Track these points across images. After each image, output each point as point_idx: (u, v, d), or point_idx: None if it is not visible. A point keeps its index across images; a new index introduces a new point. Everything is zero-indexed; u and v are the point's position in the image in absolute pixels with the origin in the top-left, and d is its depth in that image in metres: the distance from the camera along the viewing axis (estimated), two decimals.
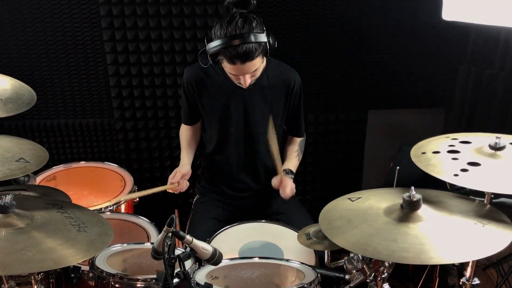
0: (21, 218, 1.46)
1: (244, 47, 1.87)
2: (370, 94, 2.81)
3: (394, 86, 2.80)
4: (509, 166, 1.47)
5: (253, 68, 1.96)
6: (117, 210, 2.34)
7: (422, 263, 1.16)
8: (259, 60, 1.96)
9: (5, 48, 2.57)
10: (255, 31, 1.89)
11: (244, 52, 1.87)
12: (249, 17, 1.93)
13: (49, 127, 2.74)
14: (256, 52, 1.90)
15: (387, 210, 1.41)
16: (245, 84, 2.01)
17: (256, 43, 1.88)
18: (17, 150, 1.76)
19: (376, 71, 2.75)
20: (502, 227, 1.32)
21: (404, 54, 2.72)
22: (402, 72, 2.77)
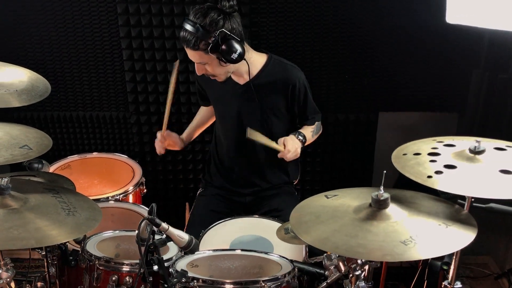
0: (16, 200, 1.57)
1: (186, 33, 1.98)
2: (381, 96, 2.81)
3: (405, 89, 2.79)
4: (485, 170, 1.47)
5: (197, 58, 2.04)
6: (125, 200, 2.44)
7: (374, 260, 1.19)
8: (204, 56, 2.01)
9: (29, 43, 2.73)
10: (204, 26, 1.95)
11: (184, 37, 1.99)
12: (215, 13, 1.97)
13: (68, 118, 2.89)
14: (195, 44, 1.97)
15: (357, 208, 1.44)
16: (197, 71, 2.11)
17: (195, 36, 1.95)
18: (23, 137, 1.88)
19: (387, 73, 2.75)
20: (465, 229, 1.33)
21: (417, 57, 2.70)
22: (414, 74, 2.76)
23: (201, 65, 2.08)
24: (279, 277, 1.57)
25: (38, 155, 1.82)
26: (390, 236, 1.29)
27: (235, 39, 2.00)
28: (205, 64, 2.07)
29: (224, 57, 2.00)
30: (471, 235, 1.30)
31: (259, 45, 2.65)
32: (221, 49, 1.97)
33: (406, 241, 1.26)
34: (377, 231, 1.31)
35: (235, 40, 2.00)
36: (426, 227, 1.34)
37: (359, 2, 2.59)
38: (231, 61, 2.02)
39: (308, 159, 2.92)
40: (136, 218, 2.26)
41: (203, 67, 2.08)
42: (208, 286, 1.51)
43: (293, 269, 1.63)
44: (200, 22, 1.95)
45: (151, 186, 2.98)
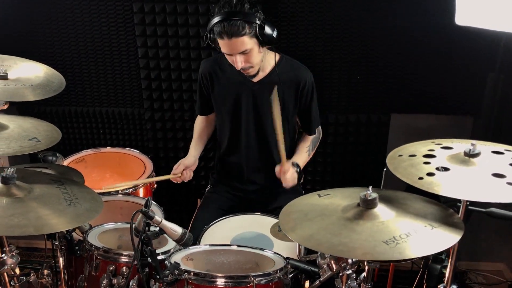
0: (20, 189, 1.64)
1: (231, 22, 2.00)
2: (393, 97, 2.79)
3: (418, 91, 2.76)
4: (478, 174, 1.46)
5: (241, 47, 2.06)
6: (135, 194, 2.50)
7: (355, 258, 1.20)
8: (249, 41, 2.05)
9: (50, 41, 2.84)
10: (245, 11, 2.02)
11: (230, 26, 2.00)
12: (245, 1, 2.04)
13: (85, 113, 2.98)
14: (242, 30, 2.01)
15: (346, 207, 1.46)
16: (237, 65, 2.12)
17: (242, 21, 2.00)
18: (33, 130, 1.96)
19: (400, 75, 2.72)
20: (450, 231, 1.32)
21: (431, 59, 2.68)
22: (428, 77, 2.72)
23: (242, 56, 2.11)
24: (270, 273, 1.60)
25: (46, 148, 1.90)
26: (374, 236, 1.30)
27: (269, 21, 2.10)
28: (246, 54, 2.10)
29: (268, 37, 2.08)
30: (455, 237, 1.30)
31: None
32: (265, 31, 2.06)
33: (388, 241, 1.27)
34: (361, 230, 1.32)
35: (269, 22, 2.10)
36: (411, 228, 1.34)
37: (372, 3, 2.58)
38: (273, 40, 2.11)
39: (319, 159, 2.93)
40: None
41: (244, 57, 2.12)
42: (199, 279, 1.55)
43: (285, 266, 1.65)
44: (240, 9, 2.02)
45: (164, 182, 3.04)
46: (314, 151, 2.48)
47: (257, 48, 2.11)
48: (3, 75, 2.22)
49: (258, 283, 1.54)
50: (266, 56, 2.23)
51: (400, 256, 1.21)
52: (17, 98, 2.19)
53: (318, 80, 2.71)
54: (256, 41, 2.07)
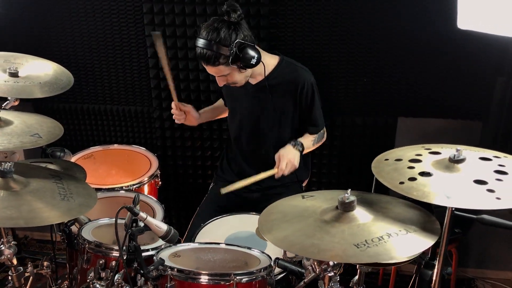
0: (17, 183, 1.70)
1: (204, 51, 2.05)
2: (400, 101, 2.76)
3: (426, 94, 2.73)
4: (459, 180, 1.45)
5: (218, 73, 2.12)
6: (139, 191, 2.56)
7: (324, 259, 1.21)
8: (225, 68, 2.09)
9: (63, 41, 2.93)
10: (220, 42, 2.03)
11: (203, 56, 2.06)
12: (224, 27, 2.05)
13: (97, 111, 3.06)
14: (215, 60, 2.06)
15: (325, 209, 1.47)
16: (218, 83, 2.20)
17: (216, 53, 2.03)
18: (36, 126, 2.03)
19: (407, 78, 2.70)
20: (425, 236, 1.32)
21: (439, 62, 2.64)
22: (436, 80, 2.69)
23: (222, 77, 2.17)
24: (254, 272, 1.62)
25: (47, 143, 1.97)
26: (346, 239, 1.31)
27: (250, 45, 2.09)
28: (226, 76, 2.16)
29: (244, 64, 2.09)
30: (428, 242, 1.29)
31: (278, 46, 2.69)
32: (240, 58, 2.06)
33: (359, 244, 1.28)
34: (335, 233, 1.33)
35: (250, 47, 2.09)
36: (386, 232, 1.34)
37: (379, 6, 2.57)
38: (251, 66, 2.11)
39: (324, 161, 2.93)
40: (147, 209, 2.38)
41: (224, 78, 2.17)
42: (182, 276, 1.58)
43: (269, 266, 1.67)
44: (215, 39, 2.04)
45: (172, 179, 3.11)
46: (318, 144, 2.47)
47: (237, 71, 2.14)
48: (14, 73, 2.31)
49: (239, 281, 1.57)
50: (265, 58, 2.25)
51: (369, 260, 1.22)
52: (25, 95, 2.28)
53: (325, 82, 2.73)
54: (233, 66, 2.09)
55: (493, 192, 1.38)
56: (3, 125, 1.96)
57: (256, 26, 2.67)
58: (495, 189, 1.39)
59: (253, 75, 2.28)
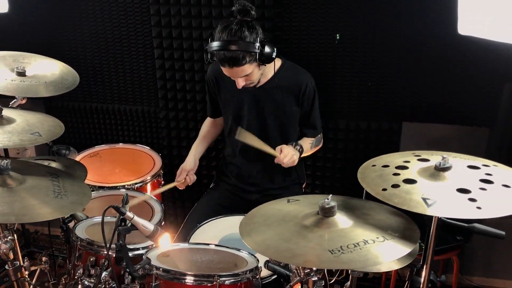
0: (13, 180, 1.75)
1: (231, 53, 2.03)
2: (405, 105, 2.74)
3: (431, 99, 2.70)
4: (442, 188, 1.44)
5: (242, 73, 2.10)
6: (142, 189, 2.60)
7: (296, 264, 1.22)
8: (249, 67, 2.09)
9: (73, 42, 3.01)
10: (246, 40, 2.02)
11: (231, 57, 2.04)
12: (244, 25, 2.06)
13: (105, 110, 3.12)
14: (243, 60, 2.04)
15: (307, 214, 1.47)
16: (238, 85, 2.17)
17: (243, 51, 2.02)
18: (38, 125, 2.09)
19: (412, 83, 2.67)
20: (402, 244, 1.32)
21: (444, 67, 2.61)
22: (442, 85, 2.66)
23: (243, 78, 2.17)
24: (239, 274, 1.64)
25: (46, 141, 2.03)
26: (322, 244, 1.31)
27: (268, 41, 2.13)
28: (248, 75, 2.16)
29: (268, 60, 2.12)
30: (404, 250, 1.29)
31: (282, 49, 2.68)
32: (265, 54, 2.08)
33: (334, 250, 1.28)
34: (311, 238, 1.34)
35: (268, 42, 2.13)
36: (363, 239, 1.34)
37: (384, 10, 2.55)
38: (272, 60, 2.15)
39: (328, 165, 2.93)
40: (147, 208, 2.42)
41: (245, 78, 2.17)
42: (167, 275, 1.61)
43: (255, 268, 1.68)
44: (241, 39, 2.04)
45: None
46: (316, 148, 2.49)
47: (257, 68, 2.16)
48: (21, 72, 2.38)
49: (222, 283, 1.58)
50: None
51: (340, 266, 1.22)
52: (30, 94, 2.35)
53: (329, 85, 2.74)
54: (256, 63, 2.11)
55: (474, 201, 1.37)
56: (6, 123, 2.03)
57: (261, 28, 2.67)
58: (477, 198, 1.38)
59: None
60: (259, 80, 2.28)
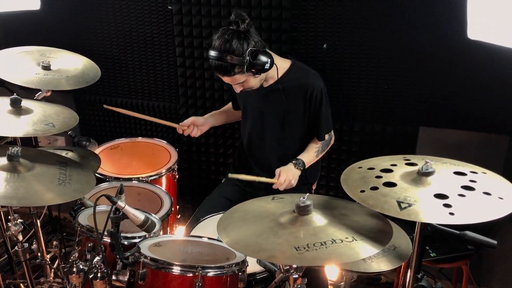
0: (23, 166, 1.86)
1: (220, 63, 2.11)
2: (422, 110, 2.70)
3: (449, 105, 2.65)
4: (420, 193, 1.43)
5: (234, 81, 2.18)
6: (156, 182, 2.69)
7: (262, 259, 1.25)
8: (240, 76, 2.15)
9: (101, 39, 3.15)
10: (234, 53, 2.08)
11: (220, 66, 2.12)
12: (236, 37, 2.10)
13: (129, 104, 3.25)
14: (231, 71, 2.11)
15: (285, 212, 1.50)
16: (235, 90, 2.24)
17: (229, 64, 2.09)
18: (54, 116, 2.21)
19: (430, 87, 2.63)
20: (369, 245, 1.32)
21: (464, 73, 2.56)
22: (461, 91, 2.61)
23: (239, 84, 2.24)
24: (224, 266, 1.68)
25: (58, 132, 2.15)
26: (290, 241, 1.34)
27: (262, 51, 2.15)
28: (242, 82, 2.23)
29: (259, 70, 2.16)
30: (370, 251, 1.30)
31: (299, 50, 2.73)
32: (255, 65, 2.13)
33: (299, 247, 1.31)
34: (281, 235, 1.37)
35: (262, 52, 2.15)
36: (332, 238, 1.35)
37: (402, 16, 2.52)
38: (265, 71, 2.18)
39: (342, 167, 2.90)
40: (156, 200, 2.51)
41: (240, 85, 2.25)
42: (154, 264, 1.68)
43: (242, 262, 1.73)
44: (228, 50, 2.10)
45: (196, 174, 3.23)
46: (323, 153, 2.50)
47: (252, 77, 2.20)
48: (46, 66, 2.51)
49: (205, 274, 1.64)
50: (278, 61, 2.30)
51: (301, 263, 1.25)
52: (51, 87, 2.48)
53: (345, 87, 2.74)
54: (248, 73, 2.15)
55: (449, 207, 1.36)
56: (24, 113, 2.16)
57: (278, 29, 2.72)
58: (453, 204, 1.37)
59: (266, 78, 2.34)
60: (264, 81, 2.32)
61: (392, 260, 1.81)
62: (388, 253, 1.83)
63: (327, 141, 2.49)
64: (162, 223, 2.33)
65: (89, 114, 3.37)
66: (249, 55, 2.10)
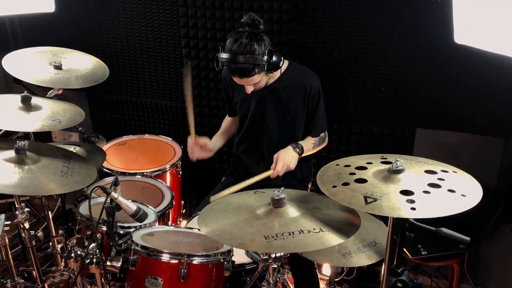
0: (29, 159, 2.01)
1: (241, 65, 2.19)
2: (419, 112, 2.76)
3: (446, 107, 2.70)
4: (388, 189, 1.51)
5: (251, 82, 2.27)
6: (160, 177, 2.82)
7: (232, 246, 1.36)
8: (258, 76, 2.25)
9: (113, 40, 3.29)
10: (254, 54, 2.18)
11: (241, 69, 2.20)
12: (253, 39, 2.20)
13: (139, 103, 3.39)
14: (252, 71, 2.20)
15: (262, 204, 1.61)
16: (248, 91, 2.33)
17: (252, 64, 2.17)
18: (61, 113, 2.35)
19: (427, 89, 2.69)
20: (332, 237, 1.42)
21: (460, 75, 2.61)
22: (456, 93, 2.66)
23: (252, 85, 2.34)
24: (209, 255, 1.80)
25: (64, 128, 2.29)
26: (261, 230, 1.44)
27: (275, 50, 2.27)
28: (257, 82, 2.33)
29: (275, 68, 2.27)
30: (332, 242, 1.39)
31: (298, 53, 2.82)
32: (272, 64, 2.24)
33: (268, 236, 1.41)
34: (255, 225, 1.47)
35: (275, 52, 2.27)
36: (299, 228, 1.45)
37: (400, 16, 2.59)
38: (278, 69, 2.30)
39: None
40: (159, 193, 2.64)
41: (253, 85, 2.34)
42: (144, 251, 1.80)
43: (227, 252, 1.83)
44: (249, 52, 2.19)
45: (200, 170, 3.35)
46: (318, 148, 2.58)
47: (265, 76, 2.31)
48: (58, 66, 2.67)
49: (190, 262, 1.75)
50: None
51: (268, 250, 1.35)
52: (61, 85, 2.63)
53: (344, 88, 2.82)
54: (264, 72, 2.26)
55: (412, 203, 1.44)
56: (33, 110, 2.30)
57: (279, 32, 2.82)
58: (415, 200, 1.45)
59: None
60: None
61: (372, 255, 1.89)
62: (369, 249, 1.91)
63: (322, 138, 2.57)
64: (163, 216, 2.48)
65: (101, 112, 3.52)
66: (268, 55, 2.21)
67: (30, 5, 2.97)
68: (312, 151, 2.55)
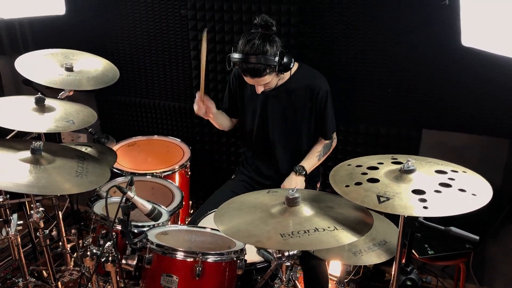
0: (45, 159, 2.04)
1: (253, 65, 2.23)
2: (425, 113, 2.80)
3: (451, 108, 2.74)
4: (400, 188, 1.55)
5: (263, 82, 2.32)
6: (169, 177, 2.85)
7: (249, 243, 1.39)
8: (269, 77, 2.30)
9: (121, 43, 3.33)
10: (266, 54, 2.22)
11: (253, 69, 2.25)
12: (266, 40, 2.25)
13: (147, 104, 3.43)
14: (263, 72, 2.25)
15: (276, 203, 1.64)
16: (258, 91, 2.38)
17: (264, 65, 2.22)
18: (74, 114, 2.39)
19: (434, 90, 2.73)
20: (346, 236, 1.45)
21: (465, 77, 2.65)
22: (462, 95, 2.69)
23: (263, 85, 2.39)
24: (223, 253, 1.83)
25: (77, 129, 2.32)
26: (277, 228, 1.48)
27: (286, 52, 2.32)
28: (268, 82, 2.37)
29: (286, 69, 2.33)
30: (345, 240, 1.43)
31: (305, 55, 2.86)
32: (284, 65, 2.30)
33: (285, 234, 1.44)
34: (270, 223, 1.51)
35: (286, 53, 2.32)
36: (314, 227, 1.49)
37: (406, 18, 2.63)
38: (289, 69, 2.35)
39: None
40: (169, 193, 2.67)
41: (264, 85, 2.39)
42: (159, 249, 1.84)
43: (240, 250, 1.87)
44: (262, 53, 2.24)
45: (208, 171, 3.39)
46: (325, 156, 2.63)
47: (276, 76, 2.35)
48: (69, 68, 2.70)
49: (205, 260, 1.79)
50: None
51: (284, 247, 1.39)
52: (72, 87, 2.67)
53: (350, 90, 2.86)
54: (275, 73, 2.31)
55: (424, 202, 1.48)
56: (47, 111, 2.34)
57: (287, 34, 2.85)
58: (427, 199, 1.48)
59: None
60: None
61: (382, 254, 1.93)
62: (379, 247, 1.95)
63: (329, 145, 2.62)
64: (173, 215, 2.52)
65: (110, 113, 3.56)
66: (279, 56, 2.26)
67: (41, 8, 3.01)
68: (318, 163, 2.60)
